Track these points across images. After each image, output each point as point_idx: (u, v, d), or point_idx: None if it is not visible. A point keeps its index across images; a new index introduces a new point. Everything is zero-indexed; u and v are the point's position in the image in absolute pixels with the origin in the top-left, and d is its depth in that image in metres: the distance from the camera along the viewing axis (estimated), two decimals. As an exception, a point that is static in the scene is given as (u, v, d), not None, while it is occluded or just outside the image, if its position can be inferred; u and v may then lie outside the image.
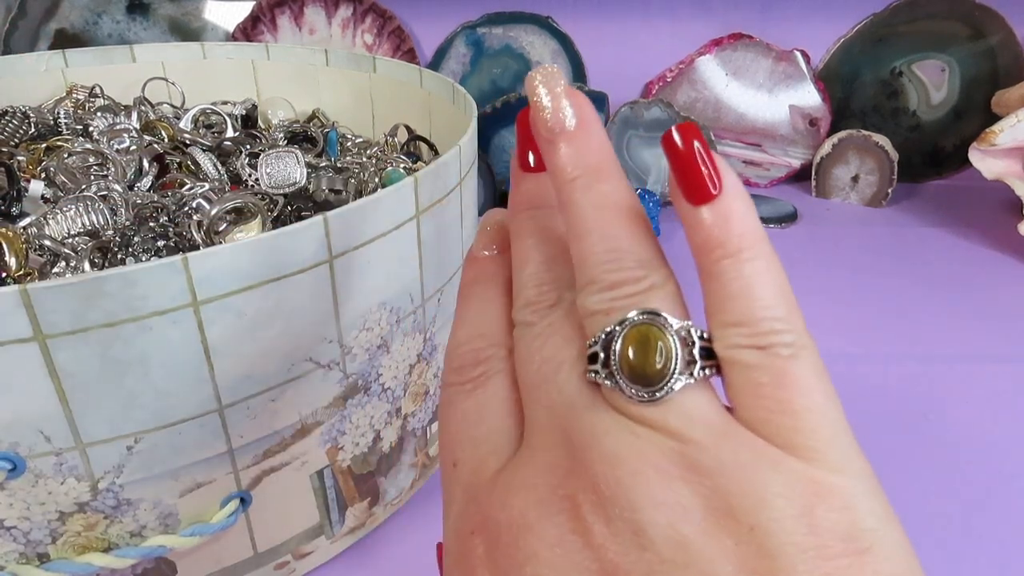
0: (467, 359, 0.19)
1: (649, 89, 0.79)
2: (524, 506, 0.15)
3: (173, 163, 0.41)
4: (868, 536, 0.13)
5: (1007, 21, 0.76)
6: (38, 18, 0.71)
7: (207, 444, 0.26)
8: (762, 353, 0.15)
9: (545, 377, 0.16)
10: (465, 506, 0.17)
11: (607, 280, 0.16)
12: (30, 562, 0.25)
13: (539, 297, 0.18)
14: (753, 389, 0.15)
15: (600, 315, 0.16)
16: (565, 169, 0.17)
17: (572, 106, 0.17)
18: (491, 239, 0.20)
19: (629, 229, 0.16)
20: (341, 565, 0.34)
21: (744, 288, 0.15)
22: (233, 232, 0.32)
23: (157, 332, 0.22)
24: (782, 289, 0.15)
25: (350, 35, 0.76)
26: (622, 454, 0.14)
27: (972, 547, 0.35)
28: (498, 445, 0.17)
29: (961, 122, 0.80)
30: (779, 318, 0.15)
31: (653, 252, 0.16)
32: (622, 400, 0.15)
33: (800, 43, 0.78)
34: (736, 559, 0.13)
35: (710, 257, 0.15)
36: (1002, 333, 0.53)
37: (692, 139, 0.16)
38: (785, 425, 0.14)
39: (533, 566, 0.14)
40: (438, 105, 0.45)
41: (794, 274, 0.66)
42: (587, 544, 0.14)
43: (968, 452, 0.41)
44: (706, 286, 0.16)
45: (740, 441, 0.14)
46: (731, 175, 0.16)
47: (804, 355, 0.15)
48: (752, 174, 0.80)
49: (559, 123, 0.17)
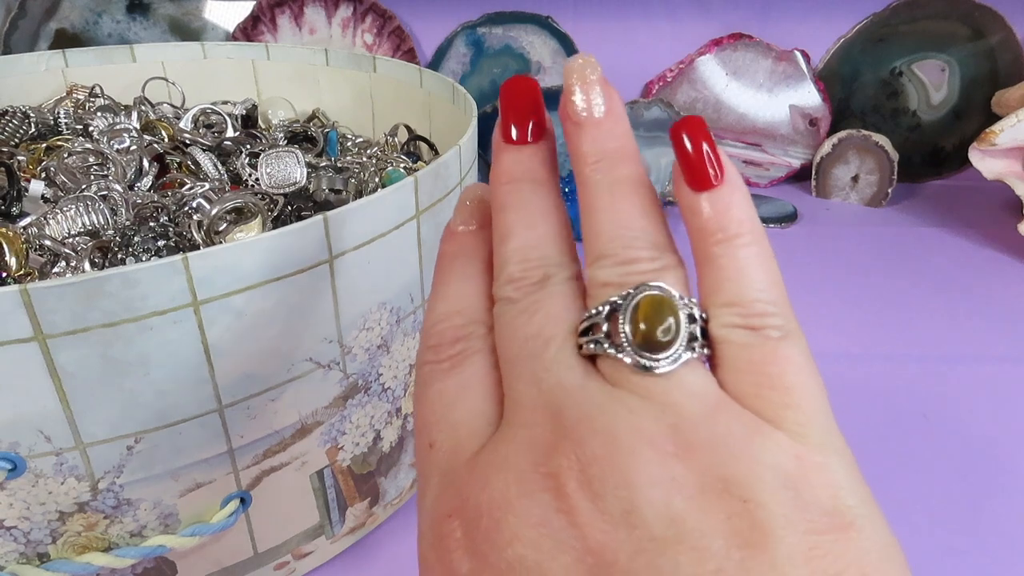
0: (445, 336, 0.18)
1: (649, 89, 0.79)
2: (505, 485, 0.15)
3: (173, 163, 0.41)
4: (850, 512, 0.14)
5: (1007, 21, 0.76)
6: (38, 18, 0.71)
7: (207, 444, 0.26)
8: (754, 333, 0.15)
9: (532, 353, 0.16)
10: (442, 489, 0.16)
11: (622, 256, 0.16)
12: (30, 562, 0.25)
13: (523, 274, 0.17)
14: (745, 365, 0.15)
15: (612, 286, 0.16)
16: (588, 153, 0.17)
17: (604, 95, 0.17)
18: (471, 213, 0.20)
19: (646, 211, 0.17)
20: (341, 565, 0.34)
21: (739, 271, 0.16)
22: (233, 232, 0.32)
23: (157, 332, 0.22)
24: (774, 277, 0.16)
25: (350, 35, 0.76)
26: (616, 431, 0.14)
27: (972, 546, 0.35)
28: (477, 426, 0.17)
29: (961, 122, 0.80)
30: (771, 301, 0.15)
31: (666, 237, 0.17)
32: (619, 370, 0.15)
33: (800, 43, 0.78)
34: (727, 533, 0.13)
35: (708, 241, 0.16)
36: (1002, 333, 0.53)
37: (700, 130, 0.16)
38: (774, 400, 0.15)
39: (515, 547, 0.14)
40: (438, 105, 0.45)
41: (794, 274, 0.66)
42: (572, 523, 0.14)
43: (968, 452, 0.41)
44: (702, 269, 0.16)
45: (733, 414, 0.15)
46: (733, 169, 0.16)
47: (793, 339, 0.15)
48: (752, 174, 0.80)
49: (590, 110, 0.17)
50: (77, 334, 0.21)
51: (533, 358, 0.16)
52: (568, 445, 0.14)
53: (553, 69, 0.79)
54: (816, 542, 0.13)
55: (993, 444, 0.41)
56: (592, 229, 0.17)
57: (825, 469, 0.14)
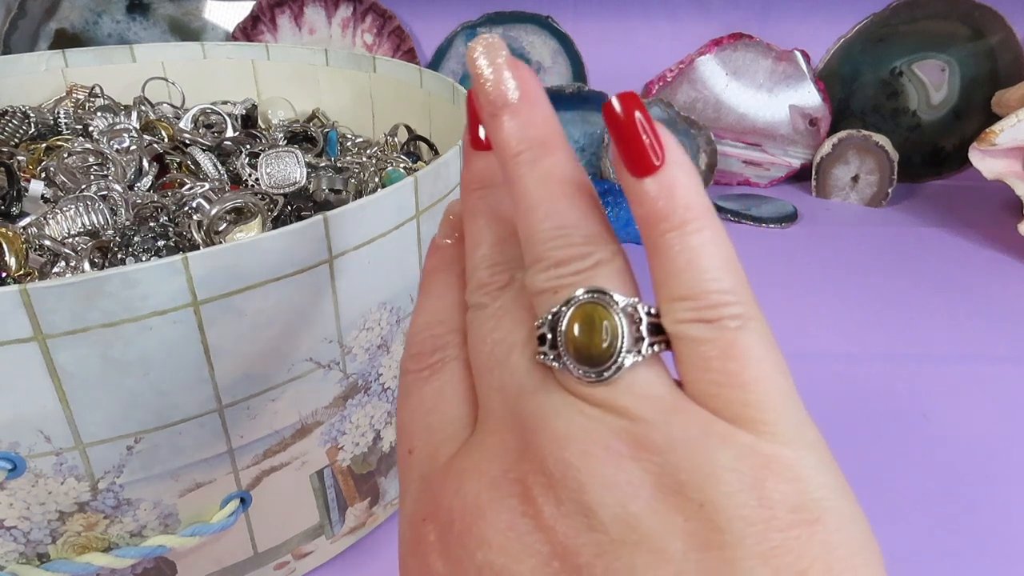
0: (424, 346, 0.18)
1: (649, 89, 0.79)
2: (476, 491, 0.15)
3: (173, 163, 0.41)
4: (818, 507, 0.13)
5: (1007, 21, 0.76)
6: (38, 18, 0.71)
7: (207, 444, 0.26)
8: (709, 326, 0.14)
9: (497, 360, 0.16)
10: (420, 494, 0.16)
11: (554, 257, 0.15)
12: (30, 562, 0.25)
13: (491, 278, 0.17)
14: (702, 363, 0.14)
15: (547, 294, 0.15)
16: (509, 144, 0.16)
17: (515, 78, 0.16)
18: (453, 227, 0.20)
19: (575, 203, 0.16)
20: (341, 565, 0.34)
21: (690, 261, 0.15)
22: (233, 232, 0.32)
23: (157, 332, 0.22)
24: (728, 260, 0.15)
25: (350, 35, 0.76)
26: (571, 435, 0.14)
27: (972, 546, 0.35)
28: (452, 431, 0.17)
29: (961, 122, 0.80)
30: (726, 290, 0.14)
31: (600, 226, 0.16)
32: (571, 381, 0.15)
33: (800, 43, 0.78)
34: (686, 535, 0.13)
35: (655, 230, 0.15)
36: (1002, 333, 0.53)
37: (633, 108, 0.15)
38: (734, 398, 0.14)
39: (484, 551, 0.14)
40: (438, 105, 0.45)
41: (794, 274, 0.66)
42: (538, 526, 0.14)
43: (967, 452, 0.41)
44: (652, 260, 0.15)
45: (689, 416, 0.14)
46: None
47: (752, 326, 0.14)
48: (752, 174, 0.80)
49: (502, 96, 0.16)
50: (77, 334, 0.21)
51: (499, 365, 0.16)
52: (533, 451, 0.15)
53: (553, 69, 0.79)
54: (779, 540, 0.13)
55: (993, 444, 0.41)
56: (523, 231, 0.16)
57: (792, 464, 0.14)
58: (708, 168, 0.75)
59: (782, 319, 0.53)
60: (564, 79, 0.79)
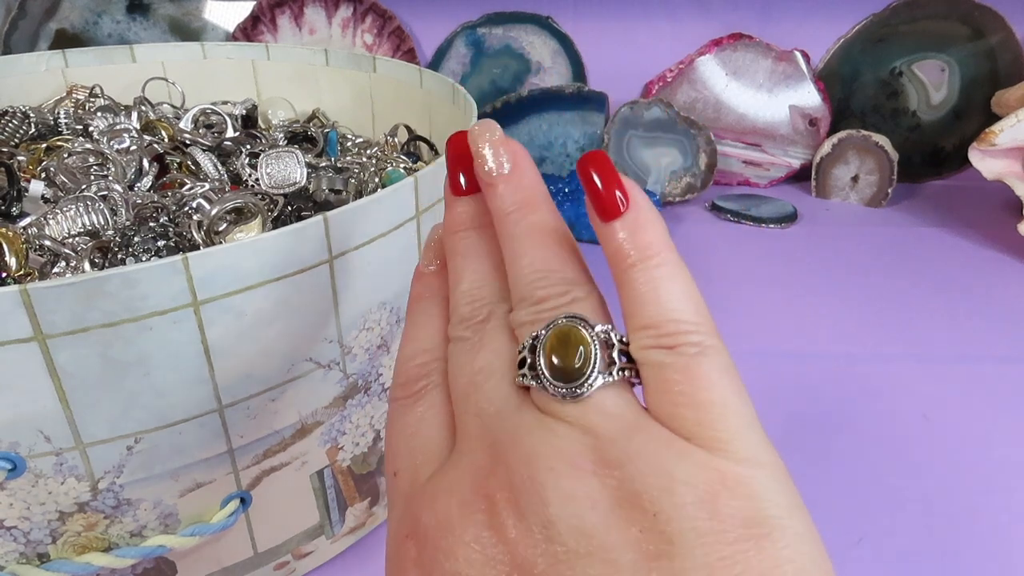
0: (410, 375, 0.20)
1: (649, 89, 0.79)
2: (447, 507, 0.16)
3: (173, 163, 0.41)
4: (769, 523, 0.14)
5: (1007, 21, 0.76)
6: (38, 18, 0.71)
7: (207, 444, 0.26)
8: (670, 352, 0.16)
9: (476, 387, 0.18)
10: (403, 512, 0.18)
11: (535, 296, 0.18)
12: (30, 562, 0.25)
13: (472, 313, 0.19)
14: (663, 385, 0.16)
15: (528, 325, 0.17)
16: (503, 206, 0.19)
17: (507, 152, 0.19)
18: (436, 254, 0.22)
19: (556, 252, 0.18)
20: (341, 565, 0.34)
21: (651, 293, 0.16)
22: (233, 232, 0.32)
23: (157, 332, 0.22)
24: (687, 292, 0.17)
25: (350, 35, 0.76)
26: (539, 451, 0.15)
27: (971, 546, 0.35)
28: (432, 454, 0.18)
29: (961, 122, 0.80)
30: (684, 320, 0.16)
31: (577, 271, 0.18)
32: (546, 399, 0.16)
33: (800, 43, 0.78)
34: (638, 546, 0.14)
35: (621, 266, 0.17)
36: (1002, 333, 0.53)
37: (604, 165, 0.17)
38: (691, 417, 0.15)
39: (452, 563, 0.15)
40: (438, 105, 0.45)
41: (794, 274, 0.66)
42: (501, 539, 0.15)
43: (967, 452, 0.41)
44: (620, 294, 0.17)
45: (650, 434, 0.15)
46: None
47: (711, 353, 0.16)
48: (752, 174, 0.80)
49: (498, 168, 0.19)
50: (77, 334, 0.21)
51: (477, 391, 0.18)
52: (501, 469, 0.16)
53: (553, 69, 0.79)
54: (727, 552, 0.13)
55: (993, 444, 0.41)
56: (511, 275, 0.18)
57: (746, 481, 0.14)
58: (708, 168, 0.75)
59: (782, 319, 0.53)
60: (564, 79, 0.79)
